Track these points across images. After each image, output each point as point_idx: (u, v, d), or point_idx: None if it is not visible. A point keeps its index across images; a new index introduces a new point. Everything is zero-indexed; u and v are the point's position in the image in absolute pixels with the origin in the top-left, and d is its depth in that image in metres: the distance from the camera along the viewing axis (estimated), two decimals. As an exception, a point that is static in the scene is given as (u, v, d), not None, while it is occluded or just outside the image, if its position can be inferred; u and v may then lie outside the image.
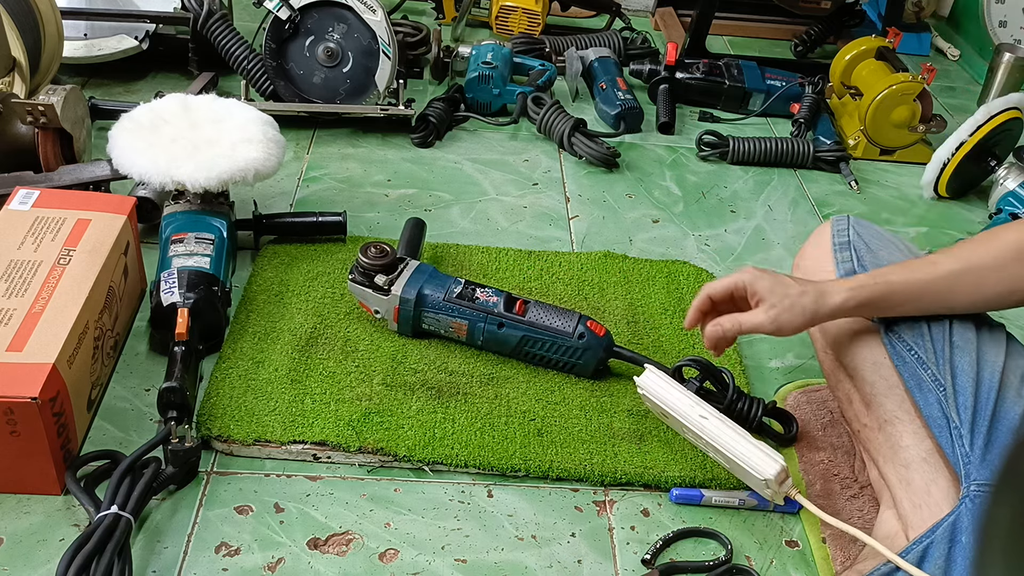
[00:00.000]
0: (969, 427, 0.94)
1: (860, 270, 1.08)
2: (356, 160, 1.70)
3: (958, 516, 0.90)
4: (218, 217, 1.28)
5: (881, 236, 1.14)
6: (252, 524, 1.01)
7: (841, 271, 1.09)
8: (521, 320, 1.21)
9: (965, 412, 0.95)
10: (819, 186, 1.81)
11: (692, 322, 1.07)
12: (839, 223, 1.15)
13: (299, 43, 1.69)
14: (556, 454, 1.11)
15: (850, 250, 1.11)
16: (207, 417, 1.10)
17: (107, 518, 0.91)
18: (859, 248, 1.11)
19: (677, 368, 1.16)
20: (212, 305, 1.18)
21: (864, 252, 1.10)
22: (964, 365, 0.99)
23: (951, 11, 2.64)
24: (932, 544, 0.90)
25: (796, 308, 0.98)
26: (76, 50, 1.79)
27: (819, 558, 1.04)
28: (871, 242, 1.12)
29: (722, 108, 2.03)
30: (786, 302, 0.99)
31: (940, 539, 0.90)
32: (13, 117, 1.39)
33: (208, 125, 1.30)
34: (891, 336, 1.03)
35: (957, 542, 0.89)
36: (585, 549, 1.03)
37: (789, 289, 0.99)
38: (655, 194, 1.71)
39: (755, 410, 1.15)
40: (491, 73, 1.85)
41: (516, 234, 1.54)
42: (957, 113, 2.16)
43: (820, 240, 1.16)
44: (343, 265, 1.37)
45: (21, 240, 1.11)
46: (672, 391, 1.06)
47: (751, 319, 1.00)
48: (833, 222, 1.16)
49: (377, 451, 1.09)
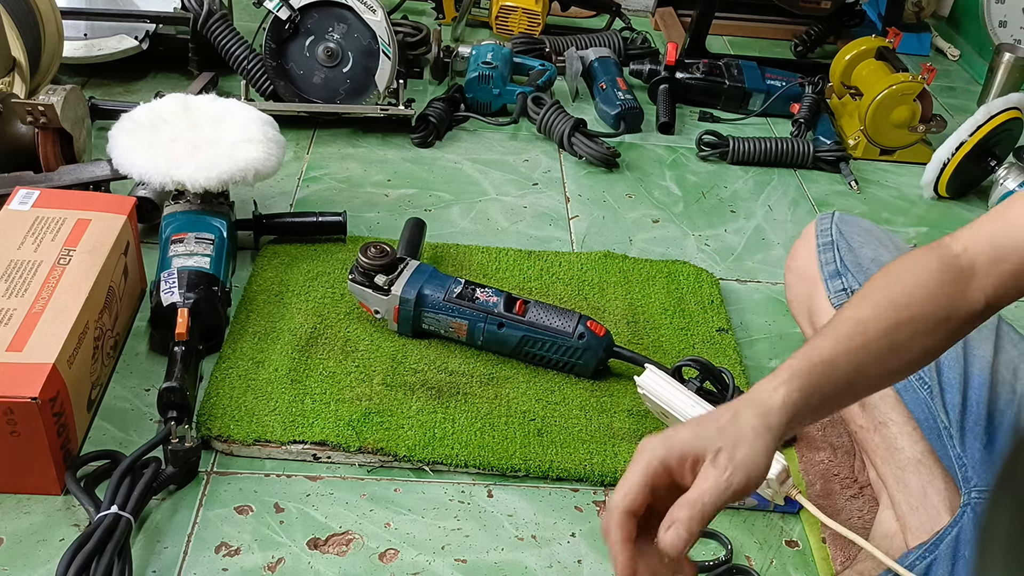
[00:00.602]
0: (959, 427, 0.93)
1: (843, 270, 1.07)
2: (356, 160, 1.70)
3: (960, 529, 0.88)
4: (218, 217, 1.28)
5: (865, 232, 1.12)
6: (252, 524, 1.01)
7: (825, 273, 1.08)
8: (521, 320, 1.21)
9: (953, 411, 0.94)
10: (819, 186, 1.81)
11: (626, 564, 0.67)
12: (822, 222, 1.13)
13: (299, 43, 1.69)
14: (556, 454, 1.11)
15: (833, 250, 1.09)
16: (207, 417, 1.10)
17: (107, 518, 0.91)
18: (841, 248, 1.09)
19: (677, 368, 1.16)
20: (212, 305, 1.18)
21: (846, 252, 1.09)
22: (949, 360, 0.97)
23: (951, 11, 2.64)
24: (936, 560, 0.88)
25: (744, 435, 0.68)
26: (76, 50, 1.79)
27: (819, 558, 1.05)
28: (853, 240, 1.10)
29: (722, 108, 2.03)
30: (728, 437, 0.68)
31: (943, 555, 0.88)
32: (13, 117, 1.39)
33: (208, 125, 1.30)
34: None
35: (960, 557, 0.87)
36: (585, 549, 1.03)
37: (718, 422, 0.70)
38: (655, 194, 1.71)
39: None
40: (491, 73, 1.85)
41: (516, 234, 1.54)
42: (957, 113, 2.16)
43: (808, 240, 1.15)
44: (343, 265, 1.37)
45: (21, 240, 1.11)
46: (672, 391, 1.06)
47: (708, 486, 0.66)
48: (817, 221, 1.14)
49: (377, 451, 1.09)
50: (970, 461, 0.91)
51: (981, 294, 0.79)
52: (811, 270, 1.11)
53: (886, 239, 1.13)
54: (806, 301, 1.13)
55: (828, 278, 1.08)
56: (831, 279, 1.08)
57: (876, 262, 1.07)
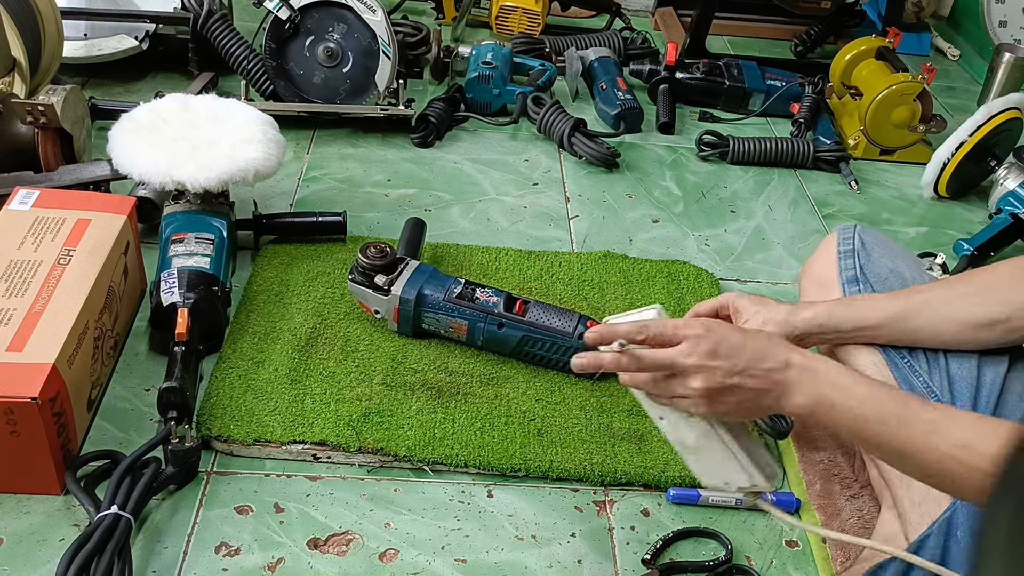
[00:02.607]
0: None
1: (860, 276, 1.10)
2: (356, 160, 1.70)
3: (954, 512, 0.91)
4: (218, 217, 1.28)
5: (885, 244, 1.16)
6: (252, 524, 1.01)
7: (843, 278, 1.12)
8: (521, 320, 1.21)
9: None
10: (819, 186, 1.81)
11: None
12: (845, 232, 1.17)
13: (299, 43, 1.69)
14: (556, 454, 1.11)
15: (854, 258, 1.13)
16: (207, 417, 1.10)
17: (107, 518, 0.91)
18: (861, 257, 1.13)
19: None
20: (212, 305, 1.18)
21: (865, 260, 1.13)
22: (963, 372, 0.99)
23: (951, 11, 2.64)
24: (929, 536, 0.91)
25: (773, 309, 1.03)
26: (76, 50, 1.79)
27: (819, 558, 1.05)
28: (873, 251, 1.14)
29: (722, 108, 2.03)
30: (766, 310, 1.03)
31: (936, 531, 0.91)
32: (13, 117, 1.39)
33: (208, 125, 1.30)
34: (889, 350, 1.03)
35: (952, 536, 0.90)
36: (585, 549, 1.03)
37: (767, 302, 1.05)
38: (655, 194, 1.71)
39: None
40: (491, 73, 1.85)
41: (516, 234, 1.54)
42: (957, 113, 2.16)
43: (827, 248, 1.18)
44: (343, 265, 1.37)
45: (21, 240, 1.11)
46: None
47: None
48: (840, 231, 1.18)
49: (377, 451, 1.09)
50: None
51: None
52: (828, 275, 1.14)
53: (903, 253, 1.16)
54: None
55: (846, 283, 1.11)
56: (849, 284, 1.11)
57: (895, 272, 1.11)
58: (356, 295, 1.26)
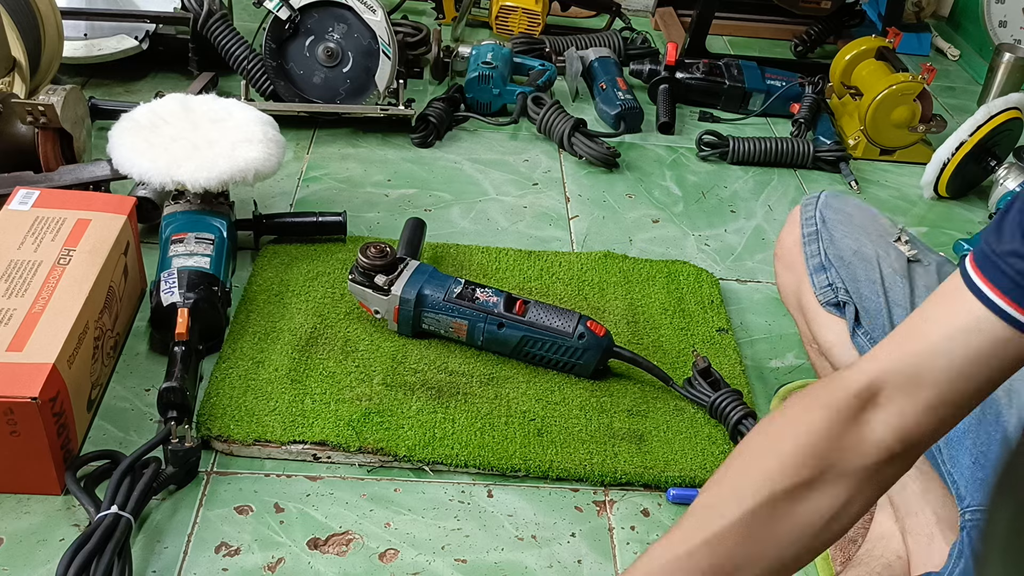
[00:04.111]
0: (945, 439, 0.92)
1: (827, 264, 1.03)
2: (356, 160, 1.70)
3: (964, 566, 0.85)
4: (218, 217, 1.29)
5: (848, 220, 1.06)
6: (252, 524, 1.01)
7: (810, 267, 1.04)
8: (521, 320, 1.21)
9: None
10: (819, 186, 1.81)
11: None
12: (807, 209, 1.07)
13: (299, 43, 1.69)
14: (556, 454, 1.11)
15: (818, 242, 1.04)
16: (207, 417, 1.10)
17: (107, 518, 0.91)
18: (824, 239, 1.04)
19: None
20: (212, 305, 1.18)
21: (828, 244, 1.03)
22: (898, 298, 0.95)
23: (951, 11, 2.64)
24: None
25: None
26: (76, 50, 1.79)
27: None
28: (836, 230, 1.05)
29: (722, 108, 2.03)
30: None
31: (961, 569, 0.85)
32: (13, 117, 1.39)
33: (208, 125, 1.30)
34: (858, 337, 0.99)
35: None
36: (585, 549, 1.03)
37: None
38: (655, 194, 1.71)
39: (734, 413, 1.14)
40: (491, 73, 1.85)
41: (516, 234, 1.54)
42: (957, 113, 2.16)
43: (793, 227, 1.09)
44: (343, 265, 1.37)
45: (21, 240, 1.11)
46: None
47: None
48: (802, 207, 1.08)
49: (377, 451, 1.09)
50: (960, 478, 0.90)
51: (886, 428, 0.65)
52: (797, 261, 1.07)
53: (871, 224, 1.07)
54: (795, 292, 1.09)
55: (813, 272, 1.03)
56: (816, 273, 1.03)
57: (858, 255, 1.03)
58: (356, 295, 1.26)
